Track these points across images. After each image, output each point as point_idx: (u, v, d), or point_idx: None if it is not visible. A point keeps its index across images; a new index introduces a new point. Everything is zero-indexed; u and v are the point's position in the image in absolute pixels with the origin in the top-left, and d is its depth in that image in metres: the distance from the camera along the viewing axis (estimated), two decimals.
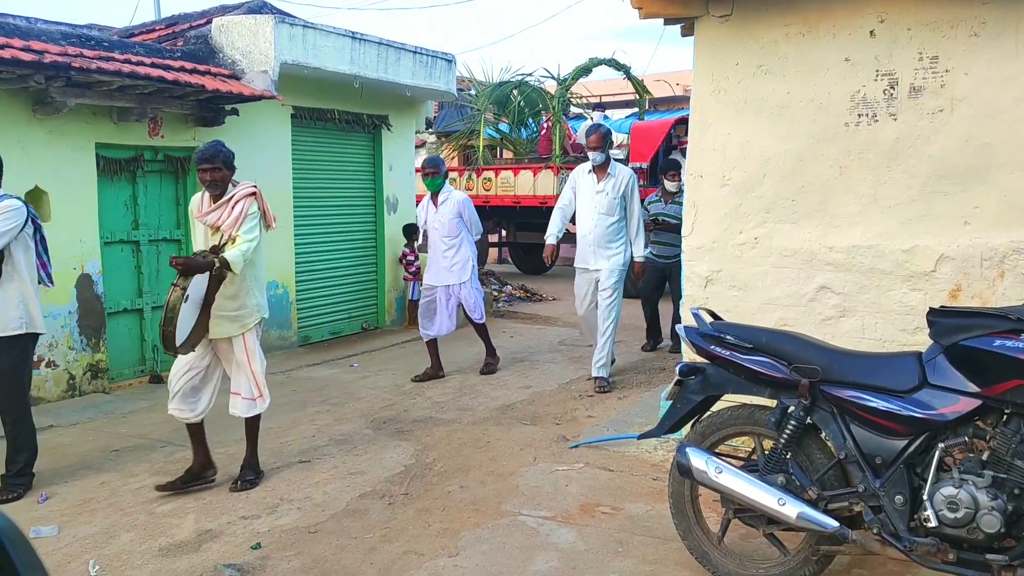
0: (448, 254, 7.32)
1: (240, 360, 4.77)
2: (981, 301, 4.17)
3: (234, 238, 4.55)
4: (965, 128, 4.20)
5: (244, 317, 4.72)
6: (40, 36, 6.43)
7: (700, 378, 3.45)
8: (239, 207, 4.60)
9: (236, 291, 4.65)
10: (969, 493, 2.82)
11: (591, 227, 6.80)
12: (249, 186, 4.71)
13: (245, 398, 4.82)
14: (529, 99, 16.03)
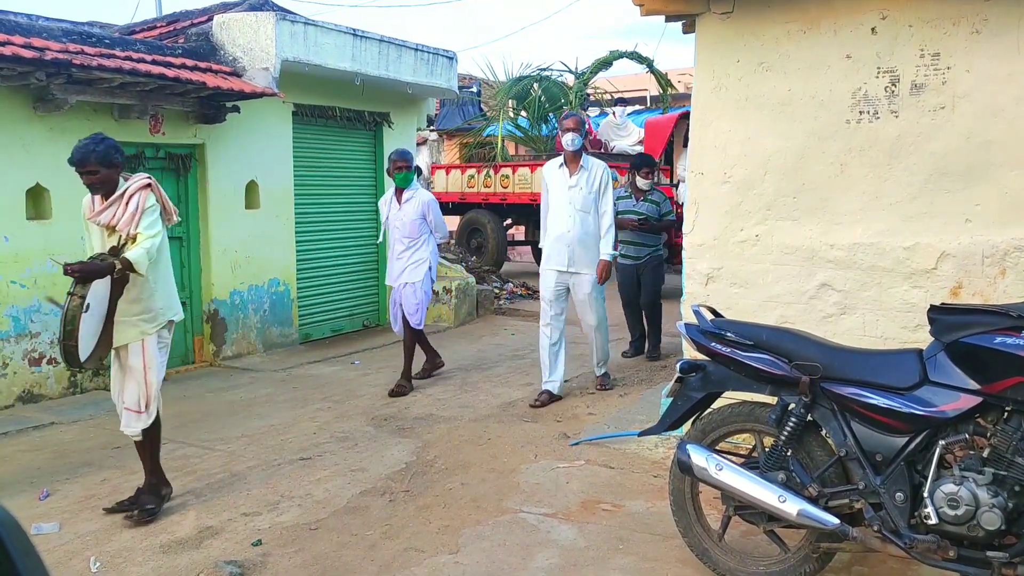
0: (406, 254, 6.91)
1: (135, 366, 4.25)
2: (982, 298, 4.17)
3: (134, 237, 4.07)
4: (966, 125, 4.19)
5: (146, 322, 4.26)
6: (41, 33, 6.43)
7: (701, 375, 3.45)
8: (134, 202, 4.12)
9: (139, 294, 4.20)
10: (970, 490, 2.82)
11: (569, 226, 6.25)
12: (143, 178, 4.23)
13: (129, 408, 4.28)
14: (550, 94, 15.59)
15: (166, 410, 6.38)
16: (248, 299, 8.29)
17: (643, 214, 7.90)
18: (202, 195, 7.86)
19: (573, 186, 6.27)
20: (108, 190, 4.15)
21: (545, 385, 6.38)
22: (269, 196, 8.43)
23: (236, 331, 8.18)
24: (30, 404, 6.43)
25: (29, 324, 6.47)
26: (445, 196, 15.02)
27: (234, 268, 8.12)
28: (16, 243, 6.39)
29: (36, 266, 6.49)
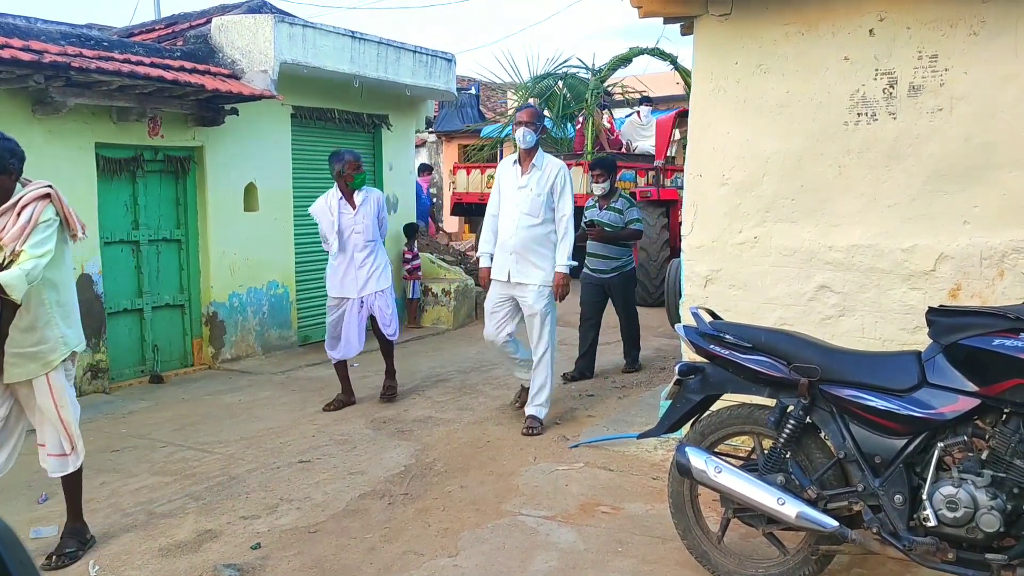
0: (368, 261, 6.31)
1: (44, 406, 3.75)
2: (981, 300, 4.17)
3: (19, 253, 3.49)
4: (964, 127, 4.19)
5: (46, 354, 3.69)
6: (39, 36, 6.43)
7: (699, 377, 3.45)
8: (27, 213, 3.56)
9: (33, 321, 3.64)
10: (968, 492, 2.82)
11: (512, 231, 5.59)
12: (42, 186, 3.69)
13: (52, 454, 3.85)
14: (576, 92, 14.87)
15: (165, 412, 6.38)
16: (247, 302, 8.28)
17: (604, 223, 7.21)
18: (201, 197, 7.87)
19: (523, 187, 5.63)
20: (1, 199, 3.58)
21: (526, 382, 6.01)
22: (268, 198, 8.43)
23: (235, 334, 8.18)
24: None
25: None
26: (467, 196, 14.85)
27: (233, 271, 8.12)
28: None
29: None
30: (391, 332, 6.45)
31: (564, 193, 5.64)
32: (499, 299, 5.74)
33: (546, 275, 5.62)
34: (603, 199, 7.30)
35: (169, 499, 4.55)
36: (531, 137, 5.57)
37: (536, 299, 5.61)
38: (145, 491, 4.67)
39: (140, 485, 4.77)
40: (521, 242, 5.58)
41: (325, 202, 6.37)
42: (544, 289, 5.63)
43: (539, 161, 5.64)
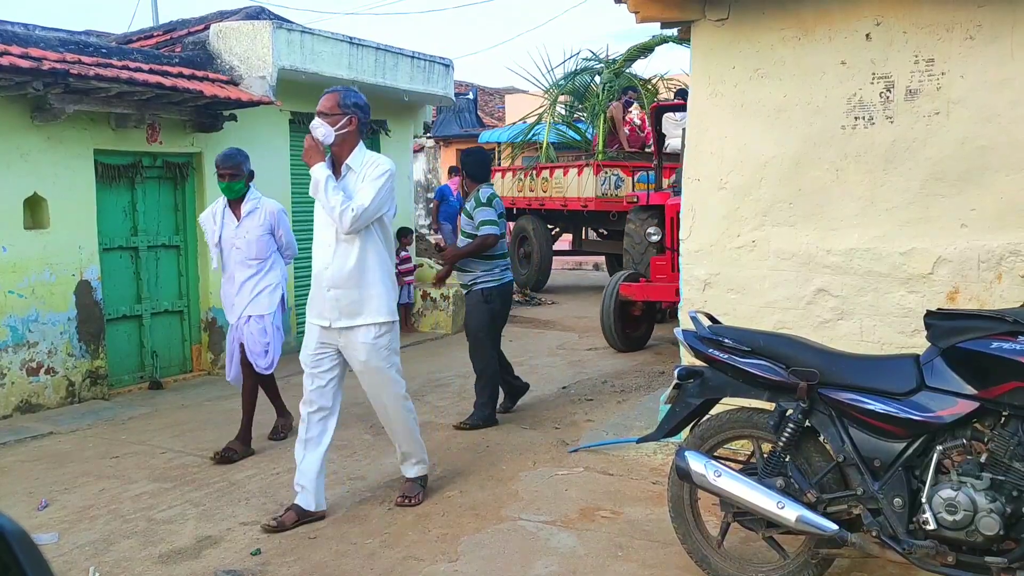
0: (252, 281, 5.40)
1: None
2: (979, 303, 4.18)
3: None
4: (961, 131, 4.21)
5: None
6: (38, 43, 6.44)
7: (698, 381, 3.45)
8: None
9: None
10: (967, 495, 2.83)
11: (328, 258, 4.26)
12: None
13: None
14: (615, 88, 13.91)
15: (165, 418, 6.39)
16: None
17: (464, 232, 6.06)
18: (199, 203, 7.86)
19: None
20: None
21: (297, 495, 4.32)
22: None
23: None
24: (28, 414, 6.42)
25: (27, 334, 6.46)
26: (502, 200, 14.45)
27: None
28: (14, 252, 6.38)
29: (34, 276, 6.49)
30: (263, 365, 5.40)
31: (375, 183, 4.14)
32: (320, 351, 4.36)
33: (379, 308, 4.24)
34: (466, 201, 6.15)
35: (169, 505, 4.54)
36: (328, 133, 4.13)
37: (368, 349, 4.24)
38: (145, 497, 4.67)
39: (140, 491, 4.77)
40: (343, 273, 4.20)
41: (211, 210, 5.56)
42: (373, 332, 4.25)
43: (357, 162, 4.21)
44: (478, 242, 5.85)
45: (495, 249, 5.95)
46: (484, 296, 5.95)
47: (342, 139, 4.19)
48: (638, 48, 12.97)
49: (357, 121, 4.22)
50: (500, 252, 6.03)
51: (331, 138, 4.16)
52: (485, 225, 5.83)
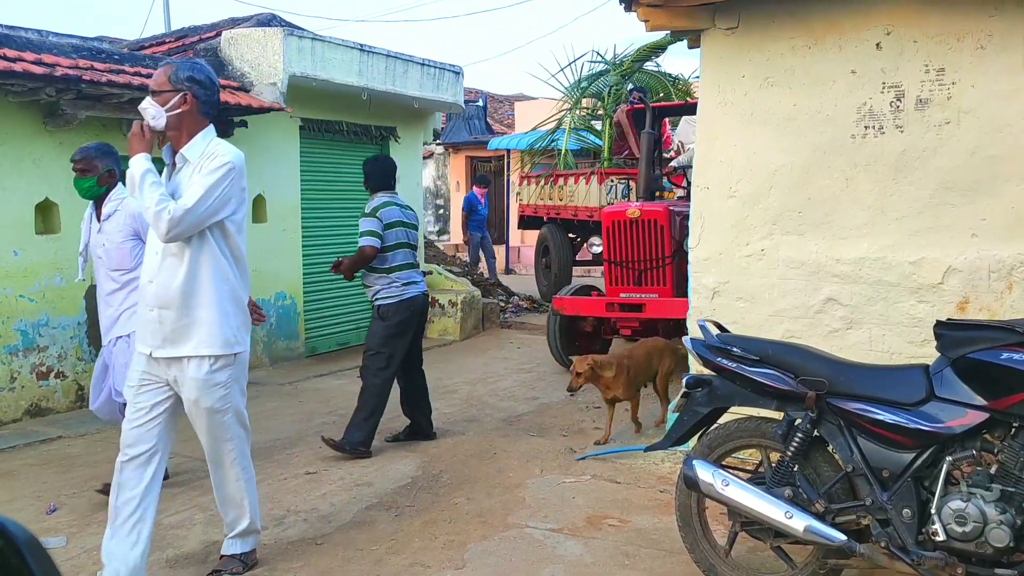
0: (118, 296, 4.58)
1: None
2: (989, 314, 4.16)
3: None
4: (972, 140, 4.20)
5: None
6: (51, 49, 6.48)
7: (707, 390, 3.44)
8: None
9: None
10: (977, 507, 2.81)
11: (153, 272, 3.51)
12: None
13: None
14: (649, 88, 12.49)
15: None
16: None
17: None
18: None
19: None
20: None
21: None
22: (276, 210, 8.47)
23: None
24: (38, 418, 6.45)
25: (37, 338, 6.50)
26: (527, 208, 13.96)
27: None
28: (25, 257, 6.42)
29: (44, 280, 6.53)
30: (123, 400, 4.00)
31: (192, 184, 3.42)
32: (144, 382, 3.58)
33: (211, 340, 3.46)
34: None
35: (177, 510, 4.55)
36: (156, 113, 3.44)
37: (200, 386, 3.51)
38: None
39: None
40: (170, 292, 3.44)
41: (88, 211, 4.84)
42: (207, 363, 3.49)
43: (195, 152, 3.49)
44: (355, 256, 5.57)
45: (387, 262, 5.50)
46: (380, 313, 5.54)
47: (177, 121, 3.46)
48: (648, 48, 12.02)
49: (194, 99, 3.45)
50: (398, 264, 5.54)
51: (161, 120, 3.44)
52: (363, 237, 5.49)
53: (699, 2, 4.62)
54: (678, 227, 7.25)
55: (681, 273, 7.03)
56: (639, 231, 7.35)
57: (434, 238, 18.82)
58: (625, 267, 7.45)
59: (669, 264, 7.28)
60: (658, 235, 7.28)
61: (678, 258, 7.17)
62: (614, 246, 7.51)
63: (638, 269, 7.38)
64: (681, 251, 7.02)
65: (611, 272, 7.57)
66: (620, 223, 7.45)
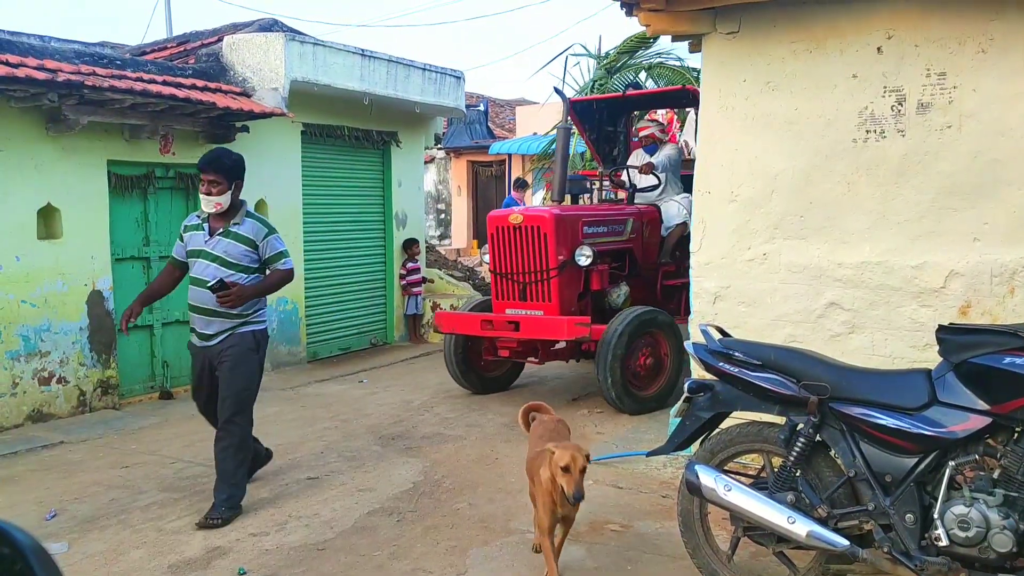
0: None
1: None
2: (991, 318, 4.15)
3: None
4: (974, 144, 4.19)
5: None
6: (54, 55, 6.50)
7: (709, 395, 3.44)
8: None
9: None
10: (980, 512, 2.81)
11: None
12: None
13: None
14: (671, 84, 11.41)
15: (175, 428, 6.41)
16: None
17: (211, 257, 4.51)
18: None
19: None
20: None
21: None
22: (278, 215, 8.45)
23: None
24: (39, 423, 6.45)
25: (39, 343, 6.50)
26: None
27: None
28: (27, 262, 6.43)
29: (47, 285, 6.53)
30: None
31: None
32: None
33: None
34: (217, 219, 4.58)
35: (178, 515, 4.55)
36: None
37: None
38: (155, 507, 4.68)
39: (150, 501, 4.78)
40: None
41: None
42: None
43: None
44: (278, 278, 4.65)
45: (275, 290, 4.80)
46: (256, 341, 4.61)
47: None
48: (637, 38, 10.96)
49: None
50: None
51: None
52: (284, 258, 4.65)
53: (700, 6, 4.63)
54: (568, 236, 6.65)
55: (571, 288, 6.67)
56: (523, 239, 6.64)
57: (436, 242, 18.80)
58: (509, 279, 6.77)
59: (554, 278, 6.57)
60: (542, 245, 6.56)
61: (568, 271, 6.63)
62: (498, 256, 6.82)
63: (522, 282, 6.70)
64: (572, 263, 6.61)
65: (496, 285, 6.90)
66: (504, 230, 6.76)
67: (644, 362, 6.55)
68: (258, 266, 4.62)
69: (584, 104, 8.53)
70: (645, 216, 7.49)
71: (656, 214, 7.61)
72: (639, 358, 6.50)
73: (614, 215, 7.32)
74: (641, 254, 7.42)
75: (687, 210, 7.66)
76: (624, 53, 11.65)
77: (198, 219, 4.68)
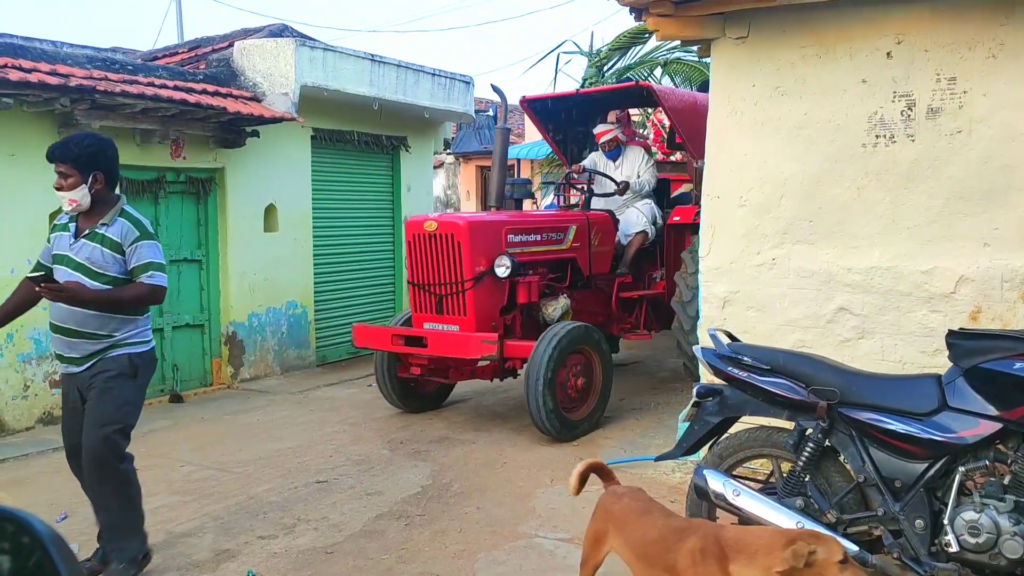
0: None
1: None
2: (1002, 323, 4.14)
3: None
4: (984, 149, 4.18)
5: None
6: (66, 60, 6.55)
7: (717, 400, 3.44)
8: None
9: None
10: (990, 518, 2.80)
11: None
12: None
13: None
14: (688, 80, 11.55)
15: (184, 431, 6.43)
16: (266, 321, 8.34)
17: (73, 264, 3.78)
18: (222, 218, 7.94)
19: None
20: None
21: None
22: (288, 219, 8.51)
23: (254, 353, 8.23)
24: (50, 426, 6.47)
25: (50, 346, 6.52)
26: None
27: (252, 291, 8.19)
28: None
29: None
30: None
31: None
32: None
33: None
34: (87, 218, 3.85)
35: (188, 518, 4.57)
36: None
37: None
38: (164, 510, 4.69)
39: (159, 504, 4.79)
40: None
41: None
42: None
43: None
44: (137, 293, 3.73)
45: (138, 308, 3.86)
46: (133, 365, 3.84)
47: None
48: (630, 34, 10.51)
49: None
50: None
51: None
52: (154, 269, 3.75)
53: (709, 11, 4.63)
54: (488, 244, 6.19)
55: (490, 301, 6.19)
56: (438, 248, 6.18)
57: None
58: (426, 291, 6.30)
59: (469, 290, 6.09)
60: (456, 254, 6.11)
61: (487, 283, 6.15)
62: (415, 265, 6.37)
63: (438, 294, 6.24)
64: (492, 275, 6.14)
65: (414, 297, 6.44)
66: (419, 238, 6.30)
67: (576, 383, 6.04)
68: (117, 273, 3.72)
69: (546, 104, 8.15)
70: (594, 223, 7.03)
71: (609, 221, 7.20)
72: (570, 379, 6.00)
73: (551, 222, 6.88)
74: (588, 264, 6.97)
75: (648, 217, 7.41)
76: (616, 50, 11.26)
77: (67, 217, 3.89)
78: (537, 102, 8.14)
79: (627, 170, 7.56)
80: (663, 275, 7.56)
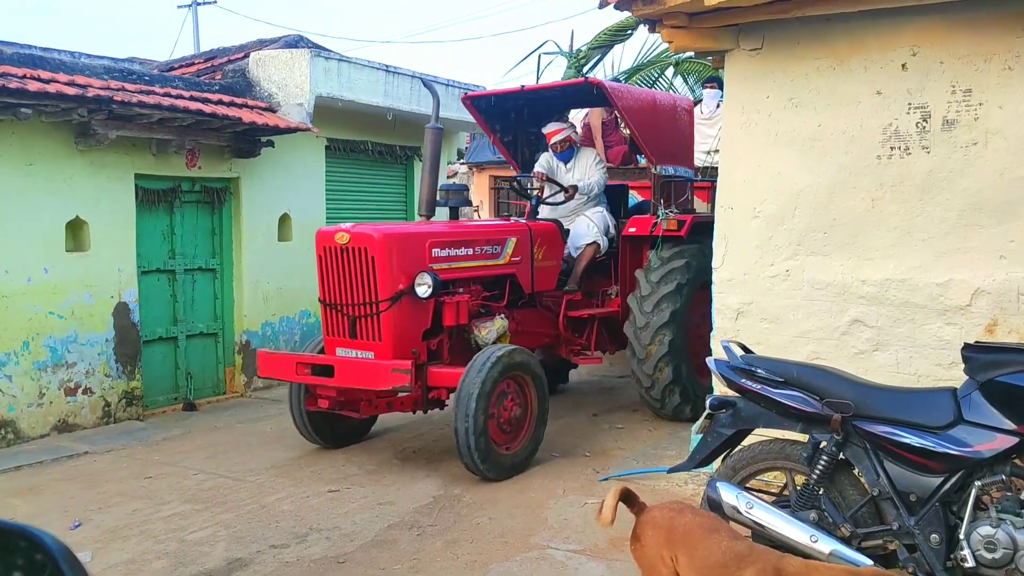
0: None
1: None
2: (1018, 336, 4.10)
3: None
4: (1000, 161, 4.16)
5: None
6: (84, 71, 6.61)
7: (731, 412, 3.42)
8: None
9: None
10: (1007, 533, 2.77)
11: None
12: None
13: None
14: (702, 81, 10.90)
15: (198, 440, 6.45)
16: (279, 330, 8.37)
17: None
18: (236, 228, 7.99)
19: None
20: None
21: None
22: (302, 229, 8.53)
23: None
24: (65, 433, 6.52)
25: (66, 354, 6.58)
26: None
27: (266, 300, 8.23)
28: (55, 274, 6.52)
29: (74, 297, 6.62)
30: None
31: None
32: None
33: None
34: None
35: (200, 527, 4.58)
36: None
37: None
38: (177, 518, 4.71)
39: (172, 512, 4.81)
40: None
41: None
42: None
43: None
44: None
45: None
46: None
47: None
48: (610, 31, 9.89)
49: None
50: None
51: None
52: None
53: (723, 23, 4.63)
54: (407, 260, 5.51)
55: (410, 324, 5.48)
56: (351, 263, 5.47)
57: None
58: (337, 312, 5.58)
59: (385, 311, 5.38)
60: (370, 270, 5.40)
61: (406, 303, 5.45)
62: (326, 282, 5.63)
63: (351, 316, 5.52)
64: (412, 294, 5.44)
65: (326, 318, 5.71)
66: (331, 251, 5.57)
67: (509, 416, 5.43)
68: None
69: (490, 101, 7.63)
70: (538, 234, 6.45)
71: (556, 232, 6.64)
72: (503, 411, 5.38)
73: (485, 233, 6.27)
74: (531, 280, 6.37)
75: (600, 227, 6.87)
76: (596, 49, 10.78)
77: None
78: (481, 99, 7.61)
79: (579, 173, 7.00)
80: (618, 291, 7.00)
